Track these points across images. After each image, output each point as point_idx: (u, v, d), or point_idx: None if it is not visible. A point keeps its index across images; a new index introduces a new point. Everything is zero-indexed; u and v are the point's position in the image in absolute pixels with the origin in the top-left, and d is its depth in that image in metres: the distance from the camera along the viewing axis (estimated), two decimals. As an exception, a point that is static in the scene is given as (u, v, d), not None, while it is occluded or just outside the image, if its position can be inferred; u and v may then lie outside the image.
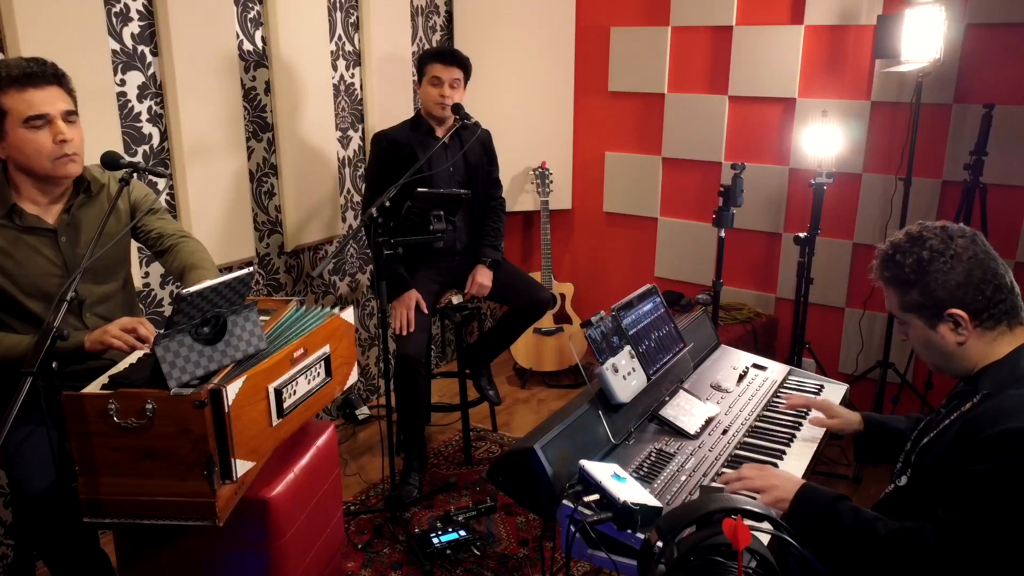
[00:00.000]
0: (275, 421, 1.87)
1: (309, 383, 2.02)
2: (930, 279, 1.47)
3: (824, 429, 2.01)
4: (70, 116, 1.90)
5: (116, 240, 2.06)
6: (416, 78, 3.18)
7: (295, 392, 1.95)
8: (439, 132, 3.14)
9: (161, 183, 2.78)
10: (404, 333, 2.97)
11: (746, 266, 3.93)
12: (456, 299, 3.36)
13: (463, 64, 3.09)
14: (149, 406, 1.62)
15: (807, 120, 3.48)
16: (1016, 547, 1.33)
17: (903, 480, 1.56)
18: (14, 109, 1.83)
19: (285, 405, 1.90)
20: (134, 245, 2.39)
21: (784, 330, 3.81)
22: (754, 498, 1.61)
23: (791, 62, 3.58)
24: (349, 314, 2.23)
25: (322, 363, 2.08)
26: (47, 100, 1.85)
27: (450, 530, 2.73)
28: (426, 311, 3.04)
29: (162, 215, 2.23)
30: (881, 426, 1.89)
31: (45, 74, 1.85)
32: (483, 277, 3.20)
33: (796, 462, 1.89)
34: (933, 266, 1.47)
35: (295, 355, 1.94)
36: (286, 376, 1.90)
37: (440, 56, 3.06)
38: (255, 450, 1.80)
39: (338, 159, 3.56)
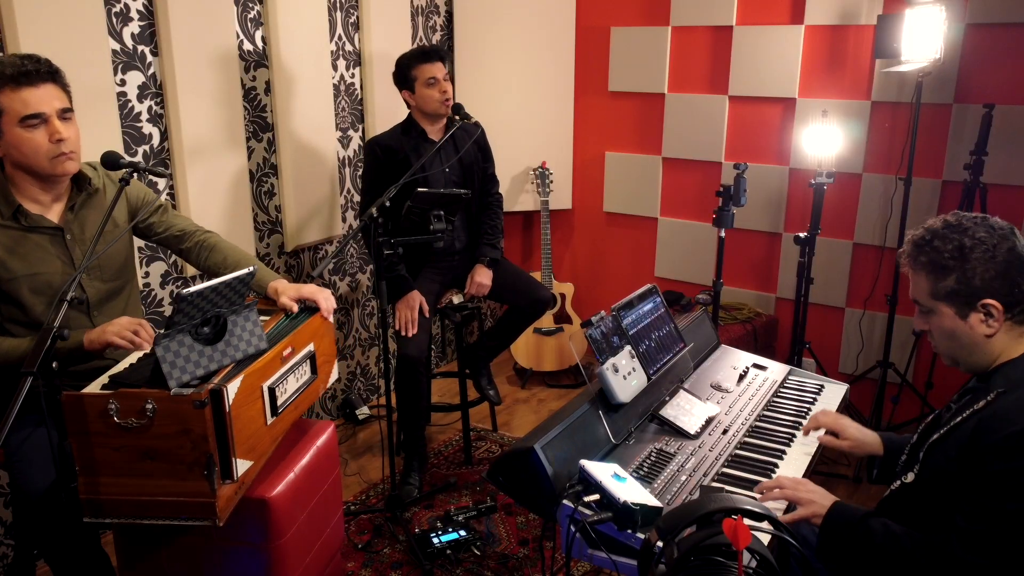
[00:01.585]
0: (270, 420, 1.88)
1: (298, 381, 2.03)
2: (969, 267, 1.45)
3: (824, 430, 2.00)
4: (65, 113, 1.90)
5: (119, 238, 2.06)
6: (398, 87, 3.12)
7: (286, 390, 1.96)
8: (432, 134, 3.12)
9: (161, 183, 2.78)
10: (408, 334, 2.96)
11: (746, 266, 3.93)
12: (457, 299, 3.36)
13: (445, 58, 3.07)
14: (149, 406, 1.62)
15: (807, 120, 3.48)
16: None
17: (910, 477, 1.54)
18: (10, 108, 1.82)
19: (278, 403, 1.91)
20: (134, 244, 2.39)
21: (784, 330, 3.81)
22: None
23: (791, 62, 3.58)
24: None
25: (308, 361, 2.09)
26: (43, 99, 1.84)
27: (450, 530, 2.73)
28: (428, 313, 3.04)
29: (174, 212, 2.26)
30: (902, 448, 1.80)
31: (40, 72, 1.84)
32: (482, 276, 3.19)
33: (796, 462, 1.89)
34: (974, 254, 1.45)
35: (284, 353, 1.94)
36: (278, 375, 1.91)
37: (426, 56, 3.02)
38: (253, 449, 1.81)
39: (338, 159, 3.56)
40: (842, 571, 1.54)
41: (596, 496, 1.50)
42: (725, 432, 1.98)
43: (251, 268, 1.81)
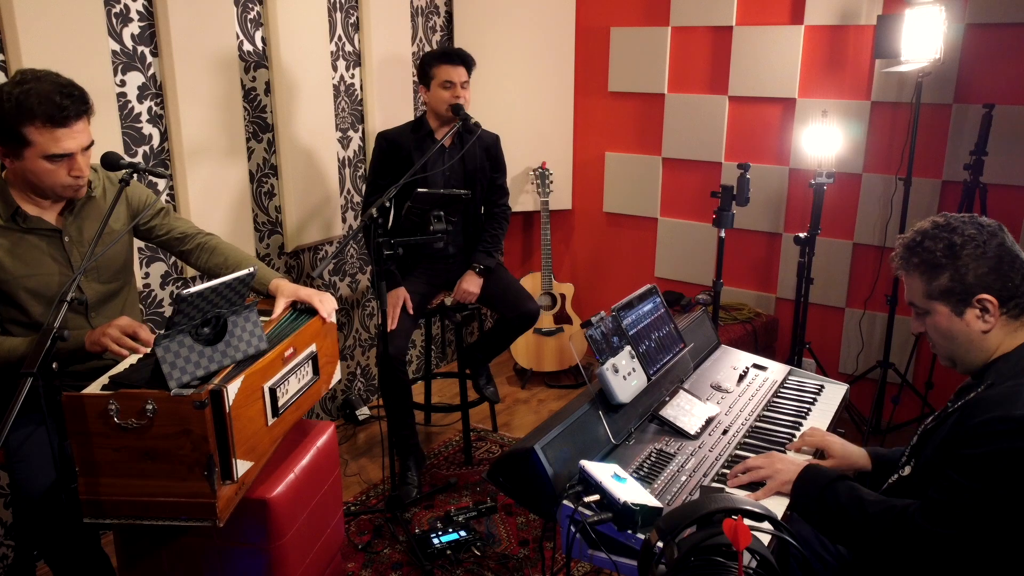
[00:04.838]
0: (270, 420, 1.88)
1: (299, 382, 2.03)
2: (961, 263, 1.47)
3: (823, 429, 2.01)
4: (88, 148, 1.92)
5: (118, 239, 2.07)
6: (418, 81, 3.14)
7: (287, 391, 1.96)
8: (440, 135, 3.12)
9: (161, 184, 2.78)
10: (388, 329, 2.95)
11: (746, 266, 3.93)
12: (448, 300, 3.35)
13: (469, 63, 3.07)
14: (149, 407, 1.62)
15: (807, 120, 3.48)
16: (1001, 532, 1.35)
17: (907, 470, 1.57)
18: (39, 143, 1.83)
19: (279, 404, 1.91)
20: (134, 245, 2.39)
21: (784, 330, 3.81)
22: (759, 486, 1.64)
23: (791, 62, 3.58)
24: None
25: (310, 362, 2.09)
26: (72, 138, 1.85)
27: (450, 530, 2.73)
28: (412, 312, 3.03)
29: (175, 215, 2.27)
30: (890, 462, 1.80)
31: (78, 112, 1.85)
32: (469, 284, 3.17)
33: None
34: (965, 251, 1.47)
35: (286, 354, 1.94)
36: (279, 375, 1.91)
37: (448, 58, 3.03)
38: (253, 449, 1.81)
39: (338, 159, 3.56)
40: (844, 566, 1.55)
41: (596, 496, 1.50)
42: (725, 432, 1.98)
43: (251, 268, 1.81)
